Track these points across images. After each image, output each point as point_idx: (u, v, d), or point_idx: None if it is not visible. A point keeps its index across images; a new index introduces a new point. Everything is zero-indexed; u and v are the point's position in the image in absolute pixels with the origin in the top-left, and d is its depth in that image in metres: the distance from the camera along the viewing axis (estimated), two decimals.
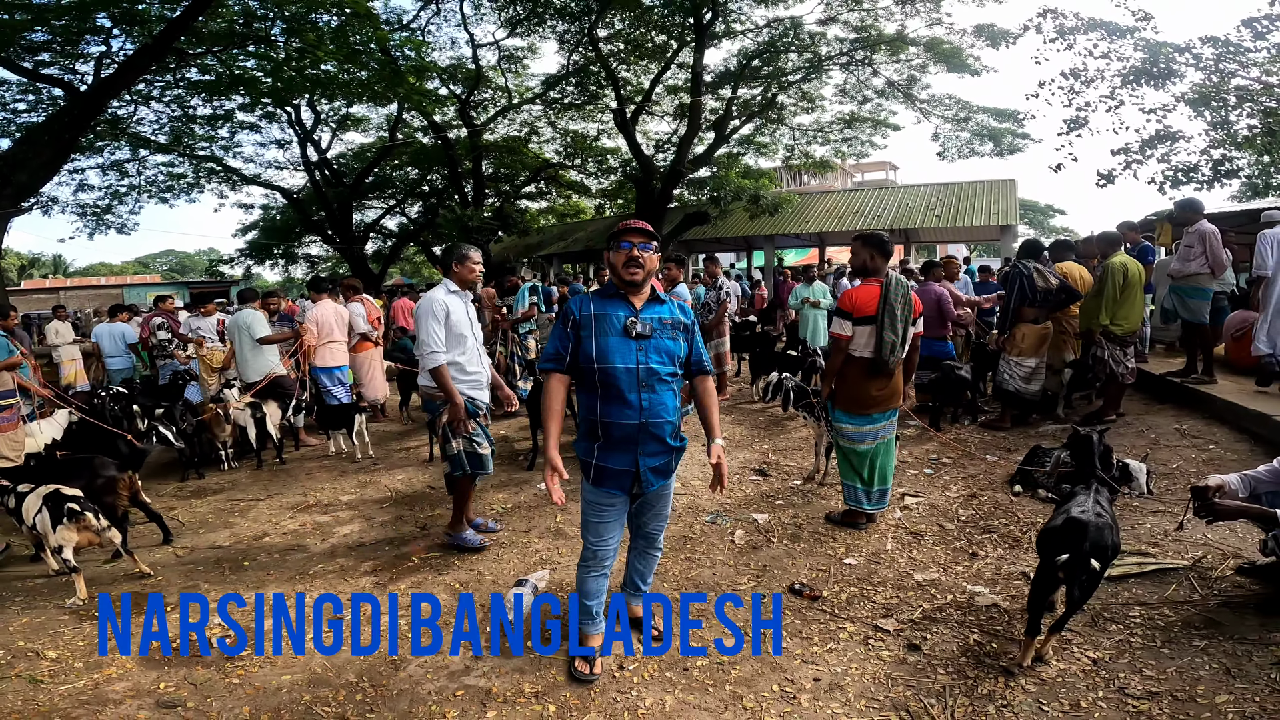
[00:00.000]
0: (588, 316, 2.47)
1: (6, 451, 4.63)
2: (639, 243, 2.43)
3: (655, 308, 2.53)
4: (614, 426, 2.45)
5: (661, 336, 2.48)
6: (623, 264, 2.43)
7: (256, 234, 25.25)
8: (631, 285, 2.46)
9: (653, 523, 2.75)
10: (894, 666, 2.62)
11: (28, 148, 10.60)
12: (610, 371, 2.42)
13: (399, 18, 17.57)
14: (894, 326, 3.64)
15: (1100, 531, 2.42)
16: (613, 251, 2.47)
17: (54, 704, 2.53)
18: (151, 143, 16.72)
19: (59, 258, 48.98)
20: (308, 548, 4.01)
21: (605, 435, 2.48)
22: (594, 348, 2.43)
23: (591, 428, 2.51)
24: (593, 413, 2.49)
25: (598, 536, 2.60)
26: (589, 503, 2.60)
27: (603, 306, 2.49)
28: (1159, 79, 9.34)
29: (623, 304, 2.49)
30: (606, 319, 2.46)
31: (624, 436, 2.45)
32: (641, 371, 2.42)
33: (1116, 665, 2.53)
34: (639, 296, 2.50)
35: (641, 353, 2.43)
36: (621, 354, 2.42)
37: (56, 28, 11.32)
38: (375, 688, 2.59)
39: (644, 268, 2.44)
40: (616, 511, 2.59)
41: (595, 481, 2.53)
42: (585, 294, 2.58)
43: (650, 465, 2.51)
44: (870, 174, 36.90)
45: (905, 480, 4.75)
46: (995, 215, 17.28)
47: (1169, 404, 6.02)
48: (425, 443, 6.13)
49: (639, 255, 2.43)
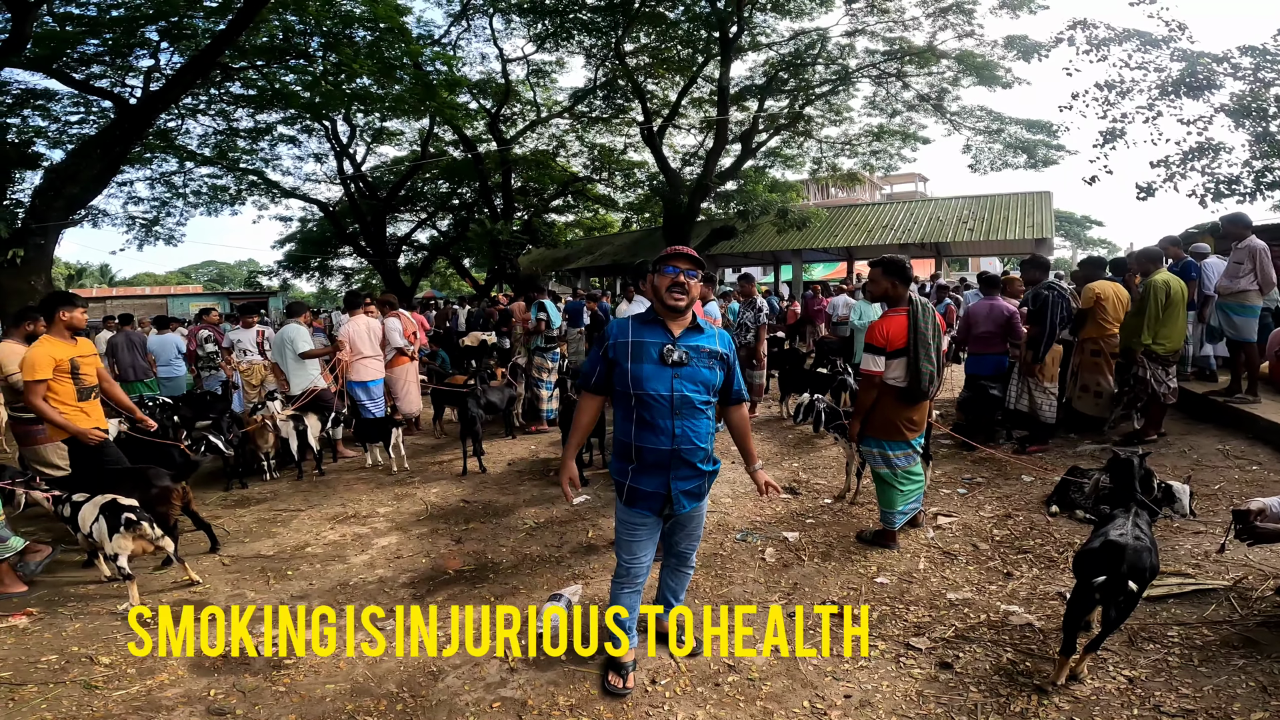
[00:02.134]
0: (625, 343, 2.48)
1: (58, 461, 4.79)
2: (685, 269, 2.45)
3: (694, 336, 2.52)
4: (647, 451, 2.47)
5: (698, 365, 2.48)
6: (667, 288, 2.44)
7: (294, 246, 25.95)
8: (674, 311, 2.47)
9: (685, 542, 2.78)
10: (925, 684, 2.62)
11: (79, 160, 11.01)
12: (645, 398, 2.44)
13: (430, 33, 18.03)
14: (929, 356, 3.57)
15: (1139, 554, 2.41)
16: (657, 275, 2.47)
17: (109, 710, 2.62)
18: (197, 155, 17.37)
19: (105, 267, 50.77)
20: (347, 558, 4.12)
21: (638, 458, 2.50)
22: (629, 373, 2.45)
23: (625, 449, 2.54)
24: (627, 435, 2.52)
25: (630, 554, 2.64)
26: (622, 521, 2.64)
27: (640, 333, 2.49)
28: (1197, 90, 9.16)
29: (661, 331, 2.49)
30: (644, 345, 2.47)
31: (656, 461, 2.48)
32: (676, 399, 2.43)
33: (1152, 684, 2.51)
34: (679, 324, 2.51)
35: (677, 380, 2.44)
36: (657, 381, 2.44)
37: (107, 40, 11.84)
38: (415, 698, 2.66)
39: (688, 294, 2.45)
40: (649, 530, 2.63)
41: (628, 502, 2.57)
42: (626, 318, 2.60)
43: (682, 489, 2.53)
44: (899, 186, 36.58)
45: (938, 499, 4.71)
46: (1030, 228, 17.02)
47: (1211, 424, 5.88)
48: (458, 456, 6.24)
49: (685, 281, 2.44)
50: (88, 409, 4.22)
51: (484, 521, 4.71)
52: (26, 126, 13.84)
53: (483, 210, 22.36)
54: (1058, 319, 5.52)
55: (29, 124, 13.90)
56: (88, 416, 4.20)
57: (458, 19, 17.86)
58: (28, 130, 13.75)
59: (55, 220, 10.61)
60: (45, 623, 3.34)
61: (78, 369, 4.13)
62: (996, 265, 28.73)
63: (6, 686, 2.77)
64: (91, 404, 4.27)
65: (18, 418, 4.74)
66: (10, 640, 3.18)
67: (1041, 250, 17.01)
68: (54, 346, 4.06)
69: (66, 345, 4.15)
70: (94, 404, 4.30)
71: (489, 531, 4.50)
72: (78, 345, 4.26)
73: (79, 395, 4.14)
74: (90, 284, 46.05)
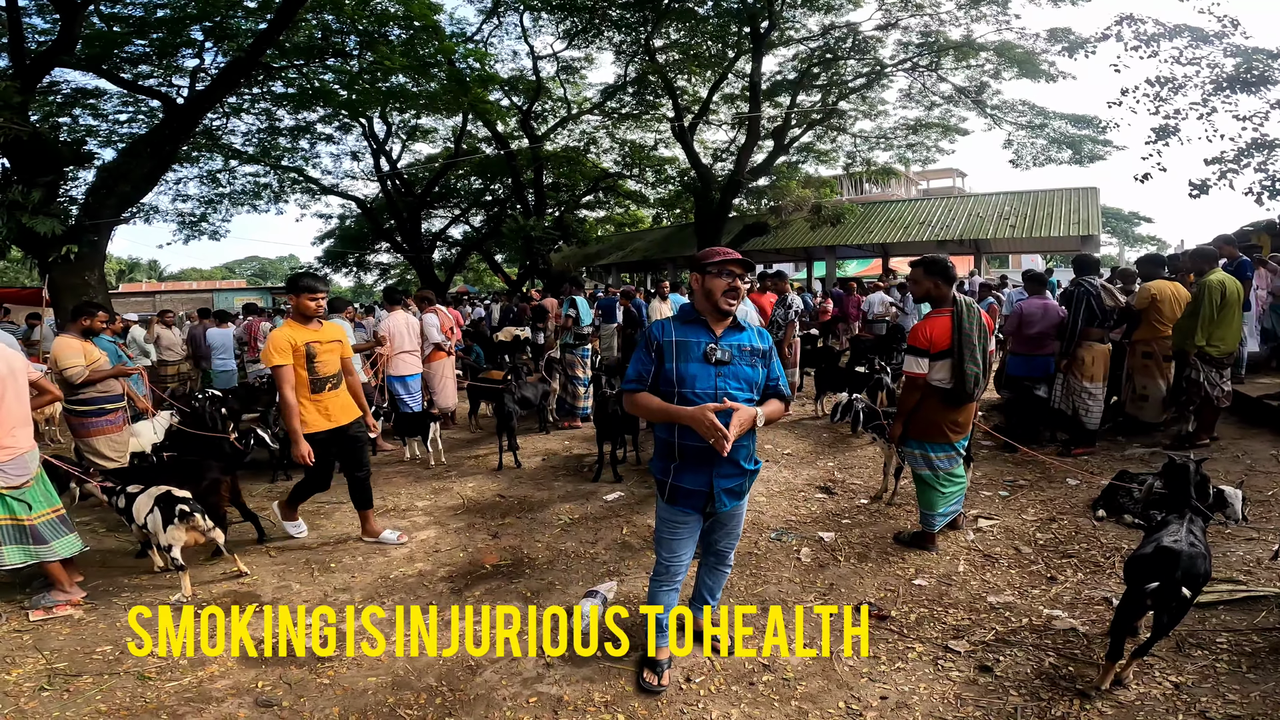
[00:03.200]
0: (669, 342, 2.51)
1: (109, 452, 4.96)
2: (740, 273, 2.50)
3: (736, 335, 2.57)
4: (690, 449, 2.48)
5: (740, 363, 2.52)
6: (722, 292, 2.48)
7: (332, 242, 26.52)
8: (726, 314, 2.52)
9: (724, 540, 2.79)
10: (964, 687, 2.59)
11: (130, 159, 11.39)
12: (689, 396, 2.45)
13: (463, 30, 18.23)
14: (974, 358, 3.50)
15: (1193, 560, 2.36)
16: (712, 277, 2.50)
17: (161, 701, 2.71)
18: (241, 154, 17.85)
19: (154, 263, 52.57)
20: (388, 552, 4.20)
21: (681, 456, 2.52)
22: (674, 372, 2.48)
23: (668, 448, 2.55)
24: (670, 434, 2.53)
25: (671, 553, 2.66)
26: (663, 520, 2.66)
27: (684, 332, 2.53)
28: (1252, 85, 8.82)
29: (704, 330, 2.53)
30: (687, 345, 2.50)
31: (700, 458, 2.49)
32: (719, 397, 2.44)
33: (1199, 690, 2.47)
34: (721, 324, 2.55)
35: (721, 379, 2.47)
36: (701, 379, 2.47)
37: (153, 40, 12.23)
38: (454, 692, 2.71)
39: (739, 299, 2.51)
40: (690, 529, 2.64)
41: (670, 500, 2.59)
42: (666, 319, 2.62)
43: (724, 486, 2.54)
44: (936, 181, 35.77)
45: (979, 502, 4.63)
46: (1076, 225, 16.53)
47: (1265, 428, 5.66)
48: (494, 451, 6.32)
49: (739, 286, 2.49)
50: (326, 401, 4.00)
51: (519, 517, 4.77)
52: (78, 126, 14.37)
53: (515, 206, 22.56)
54: (1079, 315, 5.38)
55: (80, 123, 14.43)
56: (323, 410, 4.00)
57: (489, 16, 18.00)
58: (79, 129, 14.27)
59: (108, 217, 10.99)
60: (99, 613, 3.45)
61: (314, 356, 3.95)
62: (1039, 263, 27.98)
63: (62, 678, 2.87)
64: (330, 395, 4.03)
65: (71, 409, 4.87)
66: (65, 631, 3.29)
67: (1087, 248, 16.53)
68: (294, 331, 3.94)
69: (304, 330, 3.99)
70: (333, 395, 4.05)
71: (524, 527, 4.55)
72: (320, 330, 4.07)
73: (312, 386, 3.96)
74: (140, 278, 47.71)
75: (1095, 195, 17.74)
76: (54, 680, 2.84)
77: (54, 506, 3.53)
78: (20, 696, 2.74)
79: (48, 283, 10.17)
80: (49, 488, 3.57)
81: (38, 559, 3.40)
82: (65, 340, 4.77)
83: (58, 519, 3.52)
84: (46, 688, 2.79)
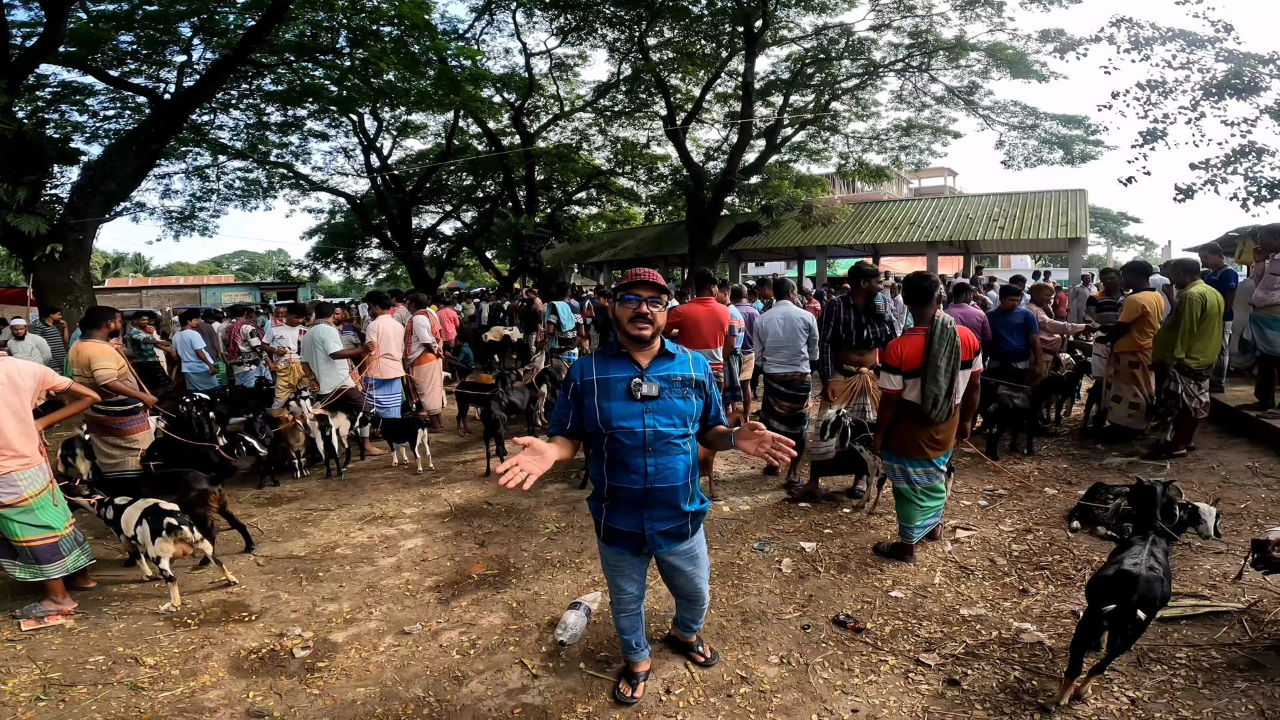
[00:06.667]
0: (589, 381, 2.35)
1: (145, 446, 5.07)
2: (648, 296, 2.28)
3: (664, 364, 2.37)
4: (621, 490, 2.38)
5: (670, 397, 2.33)
6: (628, 319, 2.29)
7: (322, 238, 26.41)
8: (638, 341, 2.33)
9: (685, 586, 2.68)
10: (931, 700, 2.67)
11: (116, 156, 11.34)
12: (616, 436, 2.32)
13: (455, 28, 18.17)
14: (936, 380, 3.55)
15: (1150, 584, 2.43)
16: (618, 305, 2.31)
17: (155, 711, 2.76)
18: (230, 149, 17.75)
19: (139, 257, 52.04)
20: (375, 561, 4.26)
21: (612, 496, 2.43)
22: (597, 413, 2.32)
23: (600, 488, 2.47)
24: (600, 474, 2.44)
25: (616, 589, 2.67)
26: (604, 557, 2.64)
27: (605, 369, 2.35)
28: (1243, 92, 8.91)
29: (627, 364, 2.35)
30: (609, 383, 2.33)
31: (630, 500, 2.39)
32: (649, 435, 2.31)
33: (1155, 705, 2.55)
34: (646, 353, 2.36)
35: (649, 415, 2.31)
36: (627, 418, 2.30)
37: (141, 36, 12.14)
38: (440, 702, 2.78)
39: (652, 324, 2.29)
40: (631, 566, 2.58)
41: (606, 540, 2.54)
42: (589, 356, 2.45)
43: (658, 529, 2.43)
44: (928, 180, 35.93)
45: (958, 512, 4.72)
46: (1064, 227, 16.67)
47: (1243, 438, 5.79)
48: (482, 456, 6.37)
49: (647, 311, 2.28)
50: None
51: (506, 525, 4.82)
52: (64, 122, 14.25)
53: (506, 203, 22.52)
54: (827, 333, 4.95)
55: (66, 119, 14.31)
56: None
57: (481, 13, 17.95)
58: (65, 125, 14.16)
59: (94, 216, 10.95)
60: (91, 623, 3.50)
61: None
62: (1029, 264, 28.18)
63: (57, 688, 2.92)
64: None
65: (108, 412, 4.90)
66: (58, 641, 3.34)
67: (1076, 249, 16.69)
68: None
69: None
70: None
71: (511, 535, 4.61)
72: None
73: None
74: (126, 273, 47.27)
75: (1083, 197, 17.90)
76: (49, 690, 2.90)
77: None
78: (18, 707, 2.79)
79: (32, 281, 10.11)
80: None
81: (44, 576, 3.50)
82: (98, 345, 4.76)
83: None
84: (42, 698, 2.84)
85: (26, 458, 3.40)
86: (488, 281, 29.51)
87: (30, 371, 3.48)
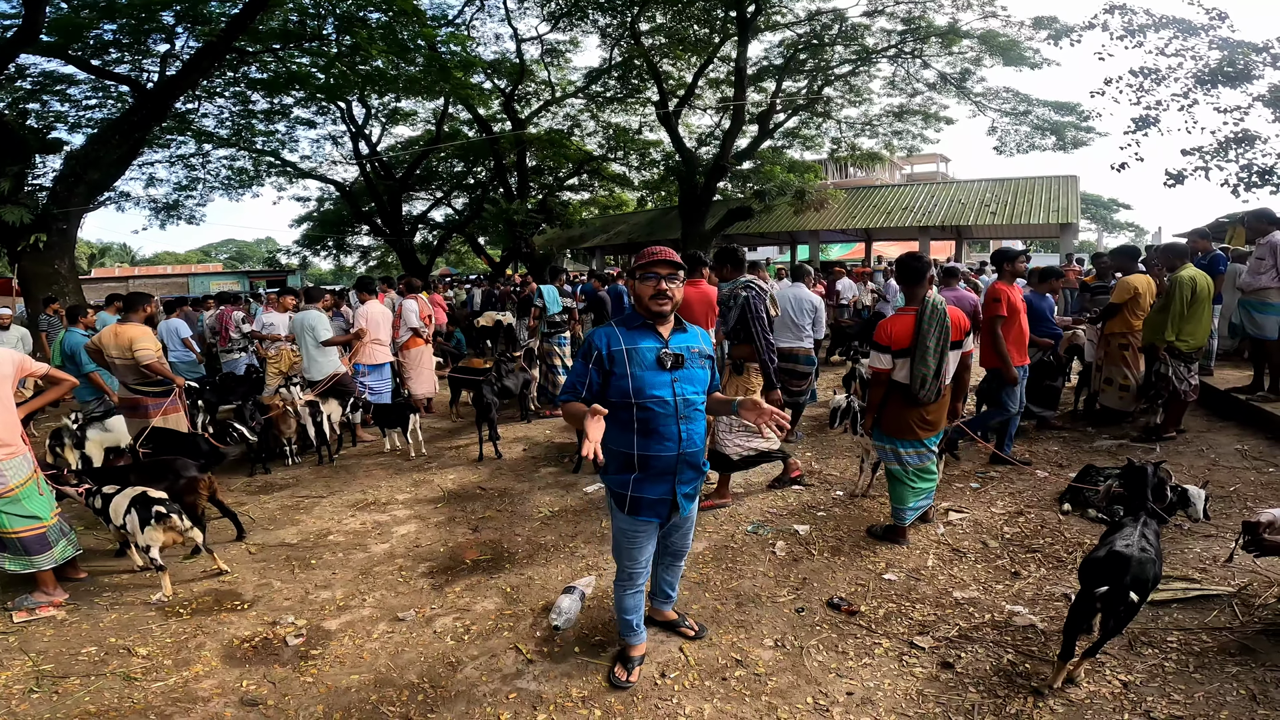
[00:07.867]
0: (619, 351, 2.41)
1: (177, 426, 5.23)
2: (666, 274, 2.40)
3: (682, 337, 2.51)
4: (653, 459, 2.45)
5: (693, 366, 2.47)
6: (649, 296, 2.40)
7: (311, 225, 26.18)
8: (659, 317, 2.44)
9: (681, 541, 2.83)
10: (926, 683, 2.68)
11: (99, 146, 11.18)
12: (648, 405, 2.40)
13: (444, 13, 17.95)
14: (925, 360, 3.56)
15: (1143, 565, 2.44)
16: (639, 282, 2.42)
17: (148, 701, 2.74)
18: (215, 137, 17.51)
19: (126, 246, 51.49)
20: (368, 547, 4.24)
21: (642, 467, 2.47)
22: (630, 383, 2.39)
23: (626, 460, 2.49)
24: (628, 446, 2.47)
25: (633, 560, 2.67)
26: (623, 530, 2.64)
27: (632, 339, 2.44)
28: (1235, 79, 8.92)
29: (651, 335, 2.45)
30: (638, 352, 2.41)
31: (663, 468, 2.47)
32: (679, 403, 2.42)
33: (1146, 689, 2.57)
34: (665, 326, 2.48)
35: (678, 384, 2.43)
36: (659, 387, 2.40)
37: (123, 25, 11.93)
38: (435, 689, 2.77)
39: (671, 299, 2.41)
40: (650, 535, 2.65)
41: (631, 511, 2.55)
42: (609, 326, 2.51)
43: (684, 491, 2.55)
44: (920, 166, 35.90)
45: (950, 494, 4.74)
46: (1055, 213, 16.74)
47: (1232, 421, 5.83)
48: (474, 441, 6.34)
49: (667, 288, 2.39)
50: None
51: (500, 509, 4.81)
52: (46, 111, 14.01)
53: (498, 190, 22.36)
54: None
55: (48, 109, 14.08)
56: None
57: None
58: (47, 115, 13.93)
59: (77, 205, 10.80)
60: (83, 614, 3.46)
61: None
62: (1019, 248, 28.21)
63: (50, 679, 2.90)
64: None
65: (145, 392, 5.11)
66: (50, 632, 3.30)
67: (1067, 235, 16.74)
68: None
69: None
70: None
71: (505, 520, 4.60)
72: None
73: None
74: (111, 263, 46.73)
75: (1075, 183, 17.94)
76: (42, 682, 2.87)
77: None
78: (11, 699, 2.76)
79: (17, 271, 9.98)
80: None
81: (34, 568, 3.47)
82: (138, 327, 5.02)
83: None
84: (36, 689, 2.82)
85: (11, 446, 3.35)
86: (480, 268, 29.38)
87: (8, 358, 3.42)
